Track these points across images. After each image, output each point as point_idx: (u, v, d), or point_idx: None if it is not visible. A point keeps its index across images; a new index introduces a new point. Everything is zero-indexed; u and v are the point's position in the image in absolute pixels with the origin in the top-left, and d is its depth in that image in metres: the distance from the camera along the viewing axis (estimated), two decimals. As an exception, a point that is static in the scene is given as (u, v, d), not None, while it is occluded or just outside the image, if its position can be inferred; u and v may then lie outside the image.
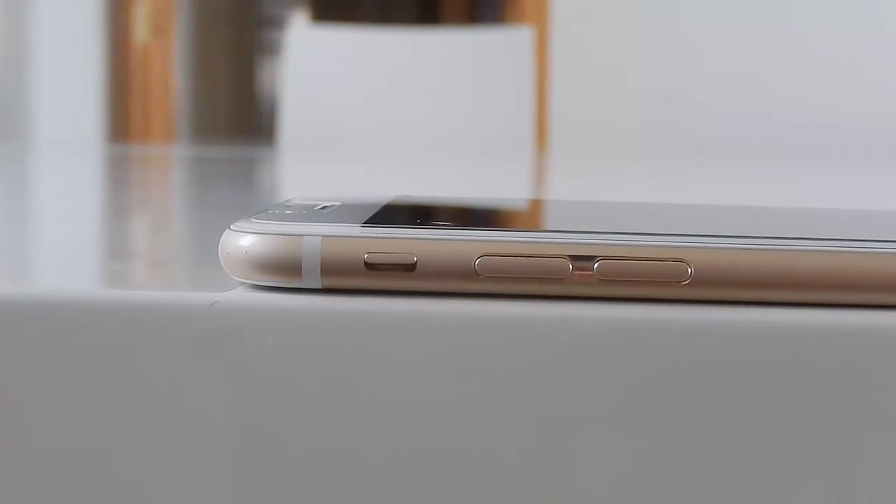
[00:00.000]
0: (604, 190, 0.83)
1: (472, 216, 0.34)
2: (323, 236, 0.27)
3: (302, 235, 0.27)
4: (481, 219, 0.33)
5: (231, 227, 0.28)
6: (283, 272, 0.27)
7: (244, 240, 0.28)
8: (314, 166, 1.17)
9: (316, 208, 0.31)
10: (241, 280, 0.28)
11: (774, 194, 0.78)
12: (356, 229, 0.27)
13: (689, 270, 0.27)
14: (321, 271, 0.27)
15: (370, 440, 0.27)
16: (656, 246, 0.27)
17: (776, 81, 2.43)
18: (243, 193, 0.78)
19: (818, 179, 1.01)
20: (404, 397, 0.26)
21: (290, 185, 0.93)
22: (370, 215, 0.29)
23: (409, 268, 0.27)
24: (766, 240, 0.27)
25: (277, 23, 3.91)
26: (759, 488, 0.27)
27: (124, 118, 2.77)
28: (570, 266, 0.27)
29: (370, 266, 0.27)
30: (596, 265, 0.27)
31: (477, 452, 0.27)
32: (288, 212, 0.30)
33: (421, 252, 0.27)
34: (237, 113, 3.99)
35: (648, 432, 0.26)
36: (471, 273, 0.27)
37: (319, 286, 0.27)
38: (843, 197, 0.77)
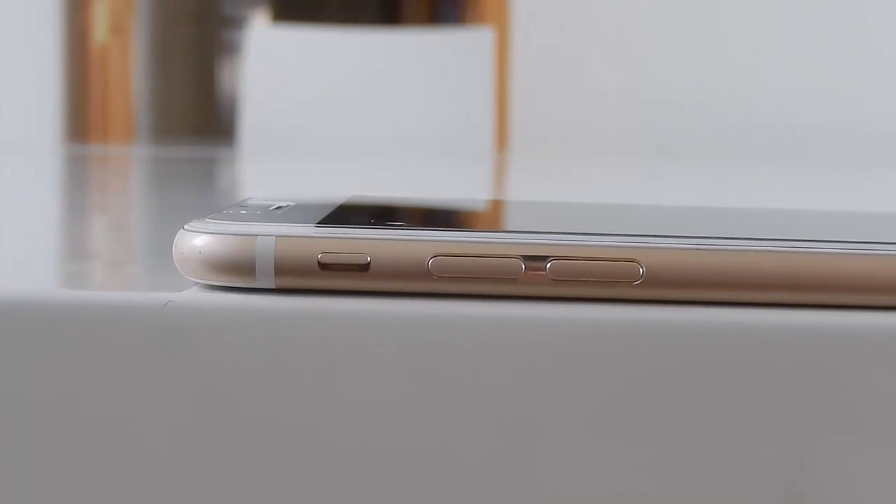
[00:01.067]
0: (562, 190, 0.83)
1: (427, 217, 0.34)
2: (277, 236, 0.27)
3: (256, 235, 0.27)
4: (435, 219, 0.34)
5: (185, 227, 0.28)
6: (237, 272, 0.27)
7: (198, 240, 0.28)
8: (274, 166, 1.17)
9: (270, 208, 0.31)
10: (194, 280, 0.28)
11: (731, 194, 0.79)
12: (310, 229, 0.27)
13: (641, 270, 0.27)
14: (275, 271, 0.27)
15: (324, 439, 0.27)
16: (608, 246, 0.27)
17: (739, 80, 2.44)
18: (203, 193, 0.78)
19: (777, 179, 1.02)
20: (358, 396, 0.27)
21: (249, 185, 0.93)
22: (324, 215, 0.29)
23: (363, 268, 0.27)
24: (717, 240, 0.27)
25: (238, 22, 3.89)
26: (714, 486, 0.27)
27: (83, 118, 2.75)
28: (523, 266, 0.27)
29: (324, 266, 0.27)
30: (548, 265, 0.27)
31: (431, 451, 0.27)
32: (242, 212, 0.30)
33: (374, 252, 0.27)
34: (197, 113, 3.98)
35: (602, 430, 0.27)
36: (424, 273, 0.27)
37: (273, 286, 0.27)
38: (799, 197, 0.78)
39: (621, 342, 0.27)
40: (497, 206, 0.37)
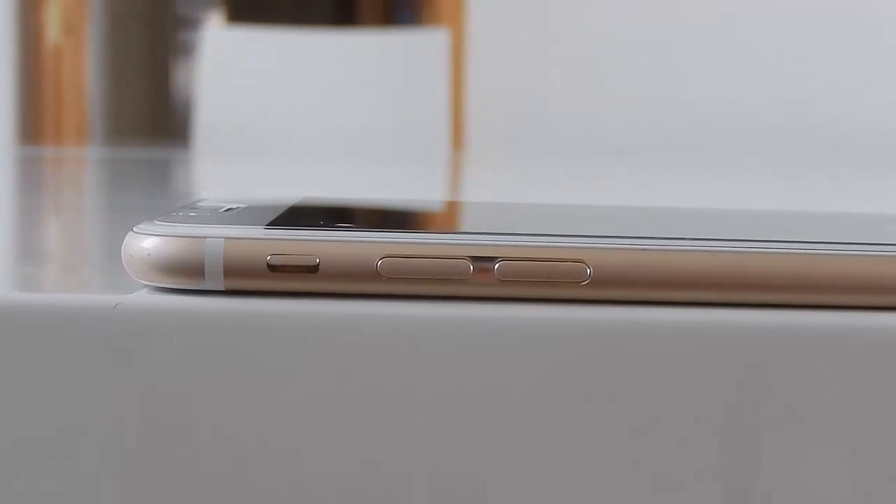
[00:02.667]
0: (517, 191, 0.83)
1: (376, 218, 0.34)
2: (226, 238, 0.27)
3: (205, 237, 0.27)
4: (385, 220, 0.34)
5: (134, 229, 0.28)
6: (186, 274, 0.27)
7: (147, 242, 0.28)
8: (228, 167, 1.16)
9: (220, 210, 0.31)
10: (143, 282, 0.28)
11: (684, 194, 0.80)
12: (259, 231, 0.27)
13: (588, 271, 0.27)
14: (224, 273, 0.27)
15: (273, 440, 0.27)
16: (555, 247, 0.27)
17: (696, 80, 2.46)
18: (157, 195, 0.78)
19: (729, 179, 1.02)
20: (306, 398, 0.27)
21: (203, 187, 0.92)
22: (274, 217, 0.29)
23: (312, 269, 0.27)
24: (664, 240, 0.28)
25: (192, 23, 3.87)
26: (658, 483, 0.27)
27: (36, 119, 2.73)
28: (471, 267, 0.27)
29: (273, 268, 0.27)
30: (496, 266, 0.27)
31: (376, 452, 0.27)
32: (192, 214, 0.30)
33: (323, 254, 0.27)
34: (152, 114, 3.96)
35: (548, 430, 0.27)
36: (373, 274, 0.27)
37: (222, 288, 0.27)
38: (749, 196, 0.79)
39: (569, 342, 0.27)
40: (447, 207, 0.37)
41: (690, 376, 0.27)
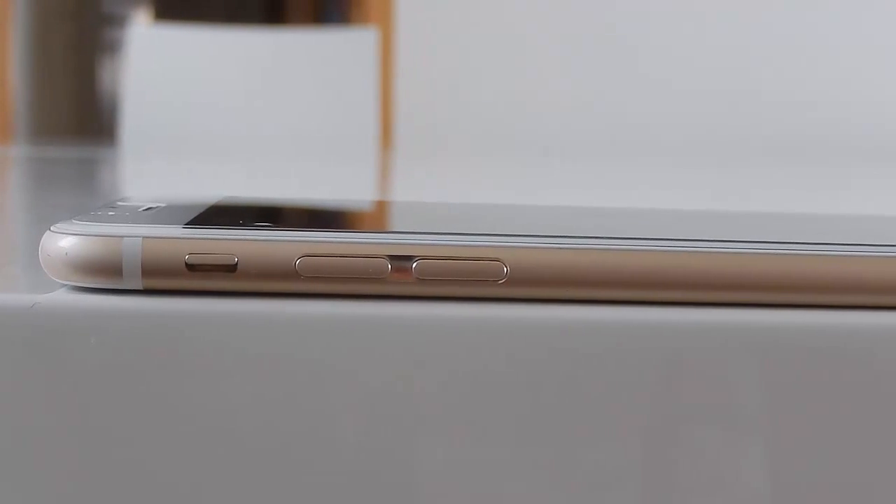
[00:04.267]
0: (444, 190, 0.83)
1: (296, 217, 0.34)
2: (144, 237, 0.27)
3: (122, 237, 0.27)
4: (304, 219, 0.34)
5: (51, 228, 0.28)
6: (104, 273, 0.27)
7: (64, 241, 0.28)
8: (155, 167, 1.16)
9: (140, 210, 0.31)
10: (61, 282, 0.28)
11: (608, 194, 0.80)
12: (178, 230, 0.27)
13: (505, 270, 0.28)
14: (142, 272, 0.27)
15: (190, 440, 0.27)
16: (473, 246, 0.28)
17: (621, 79, 2.47)
18: (81, 194, 0.77)
19: (652, 179, 1.03)
20: (225, 397, 0.27)
21: (129, 186, 0.92)
22: (193, 217, 0.29)
23: (230, 268, 0.27)
24: (581, 239, 0.28)
25: (119, 21, 3.84)
26: (580, 481, 0.27)
27: (-41, 117, 2.69)
28: (389, 266, 0.27)
29: (191, 267, 0.27)
30: (414, 265, 0.27)
31: (301, 451, 0.27)
32: (111, 213, 0.30)
33: (241, 253, 0.27)
34: (78, 112, 3.91)
35: (466, 428, 0.27)
36: (291, 273, 0.27)
37: (141, 287, 0.27)
38: (670, 196, 0.79)
39: (486, 340, 0.27)
40: (367, 207, 0.38)
41: (607, 374, 0.27)
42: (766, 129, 2.35)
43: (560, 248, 0.28)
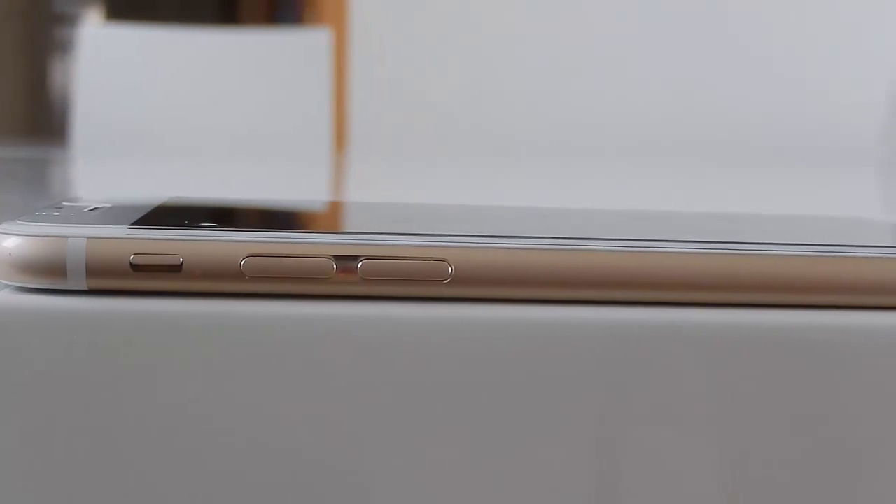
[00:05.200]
0: (395, 191, 0.83)
1: (242, 217, 0.34)
2: (88, 238, 0.27)
3: (67, 237, 0.27)
4: (250, 220, 0.34)
5: None
6: (48, 274, 0.27)
7: (8, 241, 0.27)
8: (106, 167, 1.15)
9: (85, 210, 0.31)
10: (6, 282, 0.28)
11: (557, 195, 0.80)
12: (122, 231, 0.27)
13: (450, 269, 0.28)
14: (87, 273, 0.27)
15: (134, 441, 0.27)
16: (417, 246, 0.28)
17: (577, 80, 2.48)
18: (31, 194, 0.77)
19: (604, 180, 1.04)
20: (169, 398, 0.27)
21: (79, 186, 0.91)
22: (139, 217, 0.29)
23: (175, 269, 0.27)
24: (526, 239, 0.28)
25: (70, 20, 3.81)
26: (522, 482, 0.28)
27: None
28: (335, 266, 0.28)
29: (136, 267, 0.27)
30: (359, 265, 0.28)
31: (245, 451, 0.27)
32: (56, 213, 0.30)
33: (186, 253, 0.27)
34: (28, 112, 3.88)
35: (412, 428, 0.27)
36: (236, 273, 0.27)
37: (85, 288, 0.27)
38: (620, 198, 0.80)
39: (431, 340, 0.27)
40: (313, 207, 0.38)
41: (554, 374, 0.27)
42: (722, 131, 2.37)
43: (505, 248, 0.28)
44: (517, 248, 0.28)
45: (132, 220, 0.29)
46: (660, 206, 0.62)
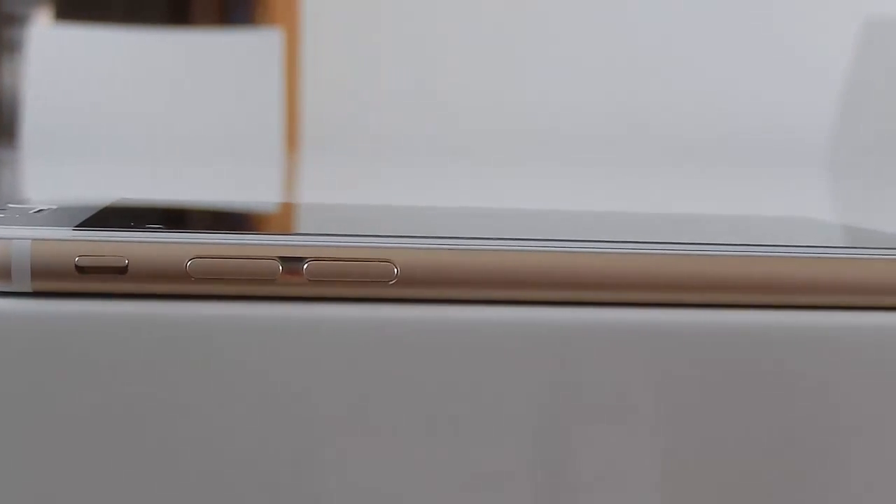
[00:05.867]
0: (347, 191, 0.83)
1: (188, 219, 0.34)
2: (33, 240, 0.27)
3: (11, 239, 0.27)
4: (196, 221, 0.34)
5: None
6: None
7: None
8: (56, 168, 1.14)
9: (31, 212, 0.30)
10: None
11: (508, 196, 0.81)
12: (67, 232, 0.27)
13: (396, 270, 0.28)
14: (31, 275, 0.27)
15: (80, 443, 0.27)
16: (363, 247, 0.28)
17: (527, 81, 2.48)
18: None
19: (552, 181, 1.04)
20: (115, 400, 0.27)
21: (29, 188, 0.91)
22: (84, 218, 0.29)
23: (121, 270, 0.27)
24: (471, 240, 0.28)
25: (19, 20, 3.77)
26: (469, 482, 0.28)
27: None
28: (280, 267, 0.28)
29: (81, 269, 0.27)
30: (305, 266, 0.28)
31: (189, 452, 0.27)
32: (1, 215, 0.30)
33: (132, 255, 0.27)
34: (-23, 113, 3.84)
35: (357, 429, 0.27)
36: (182, 275, 0.27)
37: (30, 290, 0.27)
38: (570, 198, 0.80)
39: (378, 341, 0.27)
40: (260, 208, 0.38)
41: (498, 374, 0.28)
42: (671, 130, 2.38)
43: (450, 249, 0.28)
44: (462, 249, 0.28)
45: (78, 222, 0.29)
46: (608, 206, 0.62)
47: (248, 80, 1.69)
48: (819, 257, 0.29)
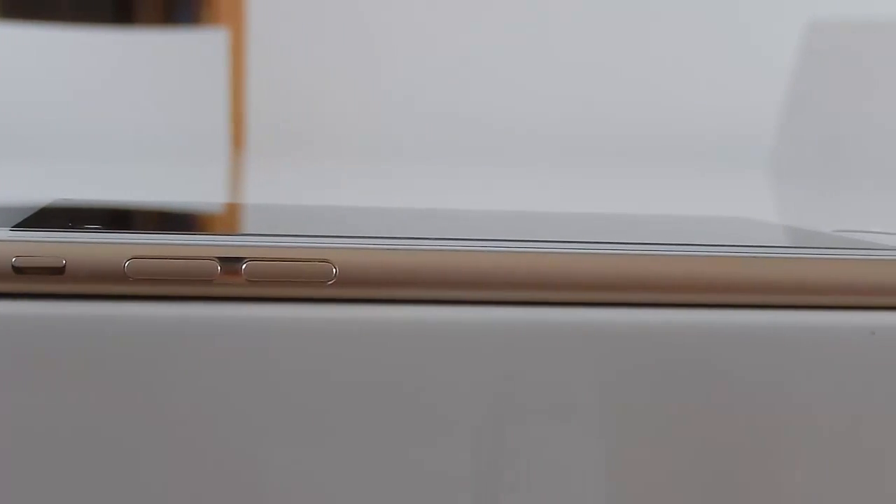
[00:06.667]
0: (292, 192, 0.83)
1: (127, 219, 0.34)
2: None
3: None
4: (135, 222, 0.34)
5: None
6: None
7: None
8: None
9: None
10: None
11: (449, 197, 0.81)
12: (4, 233, 0.27)
13: (334, 270, 0.28)
14: None
15: (20, 444, 0.27)
16: (301, 247, 0.28)
17: (474, 82, 2.49)
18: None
19: (494, 182, 1.04)
20: (53, 401, 0.27)
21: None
22: (22, 219, 0.29)
23: (58, 271, 0.27)
24: (409, 240, 0.29)
25: (-38, 19, 3.73)
26: (406, 482, 0.28)
27: None
28: (219, 268, 0.28)
29: (18, 270, 0.27)
30: (244, 266, 0.28)
31: (131, 453, 0.27)
32: None
33: (69, 255, 0.27)
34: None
35: (298, 428, 0.27)
36: (120, 275, 0.27)
37: None
38: (510, 198, 0.81)
39: (317, 341, 0.27)
40: (200, 209, 0.38)
41: (439, 374, 0.28)
42: (613, 132, 2.39)
43: (388, 249, 0.28)
44: (401, 249, 0.28)
45: (15, 222, 0.28)
46: (551, 206, 0.62)
47: (194, 80, 1.68)
48: (751, 257, 0.30)
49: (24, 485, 0.27)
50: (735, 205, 0.82)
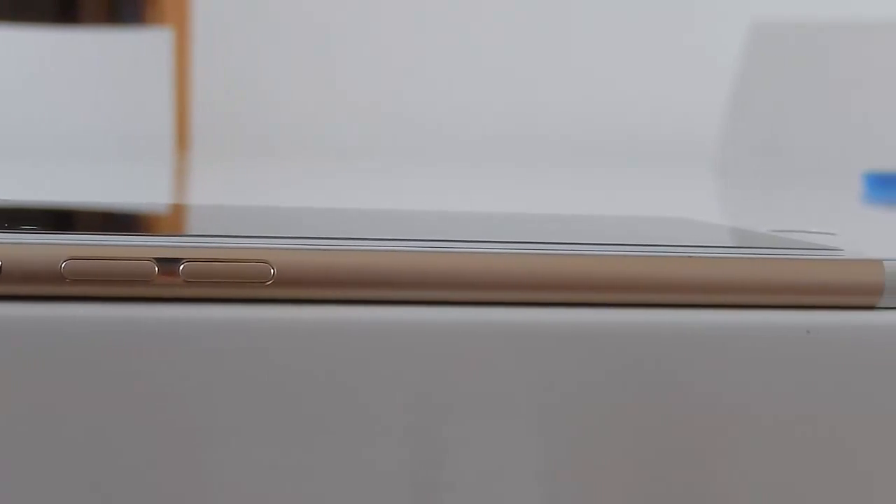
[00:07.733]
0: (236, 193, 0.83)
1: (64, 220, 0.34)
2: None
3: None
4: (72, 222, 0.34)
5: None
6: None
7: None
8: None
9: None
10: None
11: (389, 198, 0.81)
12: None
13: (272, 271, 0.28)
14: None
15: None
16: (239, 248, 0.28)
17: (424, 81, 2.49)
18: None
19: (440, 182, 1.05)
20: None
21: None
22: None
23: None
24: (347, 241, 0.29)
25: None
26: (346, 482, 0.28)
27: None
28: (156, 268, 0.28)
29: None
30: (181, 267, 0.28)
31: (68, 456, 0.27)
32: None
33: (5, 256, 0.27)
34: None
35: (232, 430, 0.27)
36: (57, 276, 0.27)
37: None
38: (456, 199, 0.81)
39: (254, 342, 0.27)
40: (138, 209, 0.37)
41: (374, 374, 0.28)
42: (555, 131, 2.40)
43: (326, 250, 0.28)
44: (339, 250, 0.28)
45: None
46: (493, 206, 0.63)
47: (138, 80, 1.67)
48: (687, 257, 0.30)
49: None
50: (677, 205, 0.83)
